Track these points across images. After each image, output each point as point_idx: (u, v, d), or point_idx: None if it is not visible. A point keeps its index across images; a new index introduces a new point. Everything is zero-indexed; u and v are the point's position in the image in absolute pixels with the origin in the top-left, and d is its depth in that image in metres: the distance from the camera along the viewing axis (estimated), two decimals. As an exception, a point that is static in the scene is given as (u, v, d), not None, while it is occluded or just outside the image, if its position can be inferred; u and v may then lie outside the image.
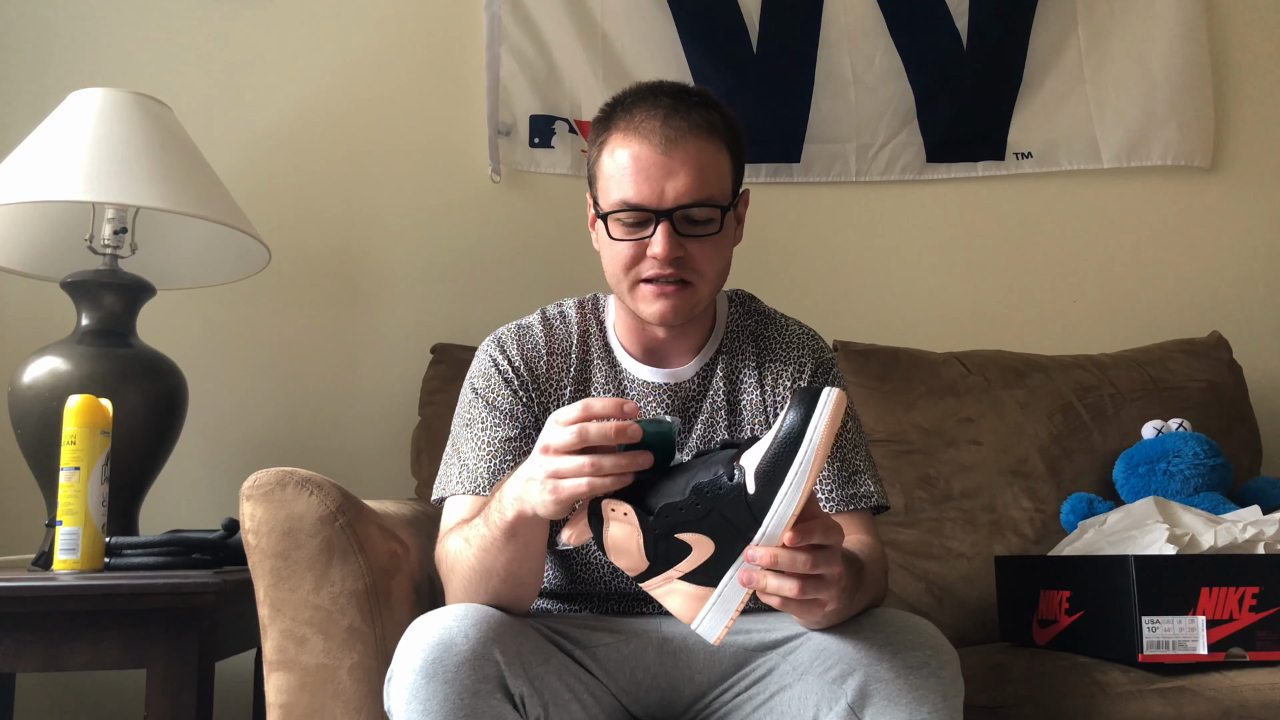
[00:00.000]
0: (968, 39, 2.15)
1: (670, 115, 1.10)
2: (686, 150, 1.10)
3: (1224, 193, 2.20)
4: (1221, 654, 1.22)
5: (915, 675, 0.94)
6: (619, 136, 1.12)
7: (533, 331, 1.22)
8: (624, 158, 1.11)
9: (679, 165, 1.09)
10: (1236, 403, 1.91)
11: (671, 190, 1.09)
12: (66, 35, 1.97)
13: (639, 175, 1.10)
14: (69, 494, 1.28)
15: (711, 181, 1.11)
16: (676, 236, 1.10)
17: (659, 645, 1.10)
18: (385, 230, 2.02)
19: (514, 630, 0.97)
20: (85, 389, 1.41)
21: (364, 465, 1.90)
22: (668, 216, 1.10)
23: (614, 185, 1.12)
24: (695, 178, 1.10)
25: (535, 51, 2.07)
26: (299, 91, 2.02)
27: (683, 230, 1.11)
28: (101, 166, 1.48)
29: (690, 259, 1.12)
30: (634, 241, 1.12)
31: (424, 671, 0.90)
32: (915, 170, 2.16)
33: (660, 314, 1.13)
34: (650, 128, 1.10)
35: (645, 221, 1.11)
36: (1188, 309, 2.14)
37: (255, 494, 1.08)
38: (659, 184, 1.09)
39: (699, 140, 1.11)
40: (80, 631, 1.20)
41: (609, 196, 1.13)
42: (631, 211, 1.11)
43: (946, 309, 2.14)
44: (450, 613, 0.96)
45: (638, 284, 1.13)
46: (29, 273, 1.69)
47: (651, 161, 1.09)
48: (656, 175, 1.09)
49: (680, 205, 1.09)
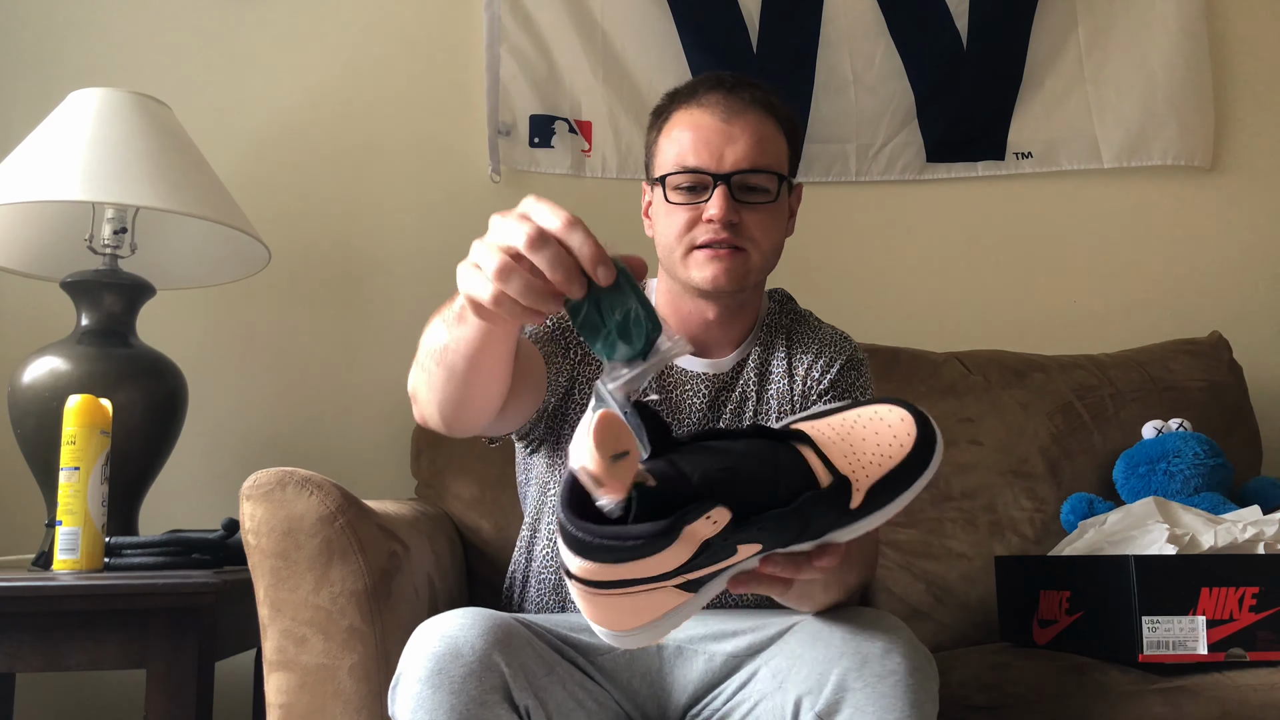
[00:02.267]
0: (968, 39, 2.15)
1: (733, 90, 1.14)
2: (747, 120, 1.13)
3: (1224, 192, 2.20)
4: (1222, 654, 1.21)
5: (884, 684, 0.92)
6: (681, 115, 1.16)
7: None
8: (686, 128, 1.14)
9: (739, 132, 1.12)
10: (1237, 403, 1.91)
11: (730, 155, 1.12)
12: (66, 35, 1.97)
13: (699, 141, 1.12)
14: (69, 494, 1.28)
15: (770, 152, 1.14)
16: (733, 201, 1.12)
17: (656, 651, 1.09)
18: (385, 230, 2.02)
19: (519, 638, 0.96)
20: (85, 389, 1.41)
21: (364, 465, 1.90)
22: (725, 180, 1.11)
23: (673, 153, 1.14)
24: (754, 146, 1.12)
25: (535, 51, 2.07)
26: (299, 91, 2.02)
27: (739, 197, 1.12)
28: (101, 166, 1.48)
29: (745, 226, 1.13)
30: (690, 206, 1.13)
31: (430, 681, 0.89)
32: (915, 170, 2.16)
33: (714, 277, 1.13)
34: (712, 100, 1.14)
35: (702, 186, 1.13)
36: (1188, 309, 2.14)
37: (255, 494, 1.08)
38: (718, 149, 1.12)
39: (759, 114, 1.14)
40: (80, 631, 1.20)
41: (666, 165, 1.15)
42: (689, 174, 1.13)
43: (947, 309, 2.14)
44: (455, 619, 0.94)
45: (691, 250, 1.14)
46: (29, 273, 1.69)
47: (712, 129, 1.12)
48: (716, 141, 1.12)
49: (739, 170, 1.12)
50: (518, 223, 0.70)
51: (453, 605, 1.37)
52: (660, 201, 1.16)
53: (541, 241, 0.68)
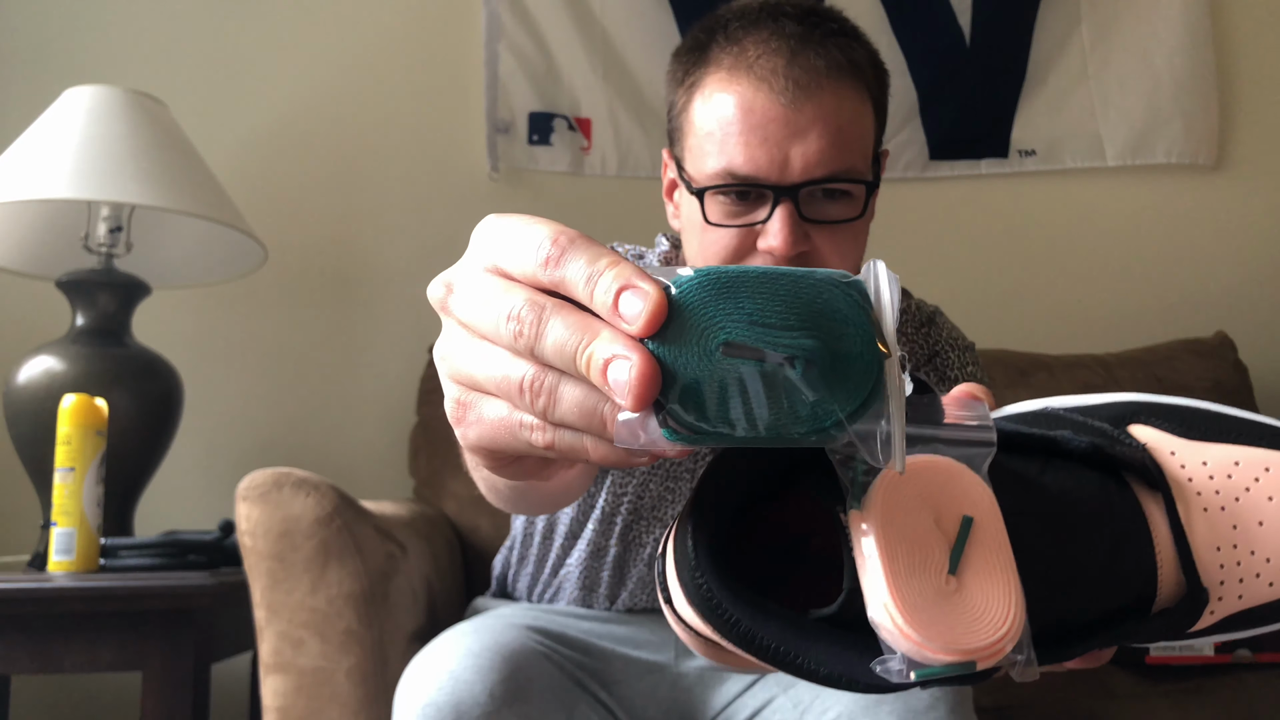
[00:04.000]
0: (971, 36, 2.14)
1: (799, 50, 0.81)
2: (822, 102, 0.80)
3: (1229, 191, 2.19)
4: (1228, 656, 1.20)
5: (921, 718, 0.82)
6: (722, 76, 0.82)
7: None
8: (729, 107, 0.81)
9: (811, 121, 0.80)
10: (1242, 403, 1.90)
11: (800, 158, 0.80)
12: (61, 32, 1.96)
13: (753, 135, 0.80)
14: (64, 495, 1.27)
15: (854, 147, 0.82)
16: (801, 224, 0.82)
17: (673, 681, 1.03)
18: (383, 228, 2.01)
19: (537, 680, 0.85)
20: (80, 389, 1.40)
21: (361, 466, 1.89)
22: (792, 195, 0.81)
23: (714, 147, 0.82)
24: (832, 141, 0.81)
25: (534, 48, 2.06)
26: (296, 89, 2.01)
27: (808, 214, 0.82)
28: (96, 164, 1.47)
29: (816, 255, 0.83)
30: (740, 229, 0.83)
31: None
32: (918, 168, 2.15)
33: None
34: (770, 67, 0.80)
35: (758, 200, 0.83)
36: (1193, 308, 2.13)
37: (251, 495, 1.07)
38: (782, 148, 0.80)
39: (838, 87, 0.81)
40: (75, 633, 1.19)
41: (704, 164, 0.83)
42: (740, 186, 0.82)
43: (950, 307, 2.11)
44: (459, 652, 0.84)
45: None
46: (23, 271, 1.68)
47: (772, 116, 0.80)
48: (779, 136, 0.80)
49: (810, 180, 0.81)
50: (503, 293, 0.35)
51: (451, 607, 1.36)
52: (695, 216, 0.85)
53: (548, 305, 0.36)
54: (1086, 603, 0.36)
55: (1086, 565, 0.36)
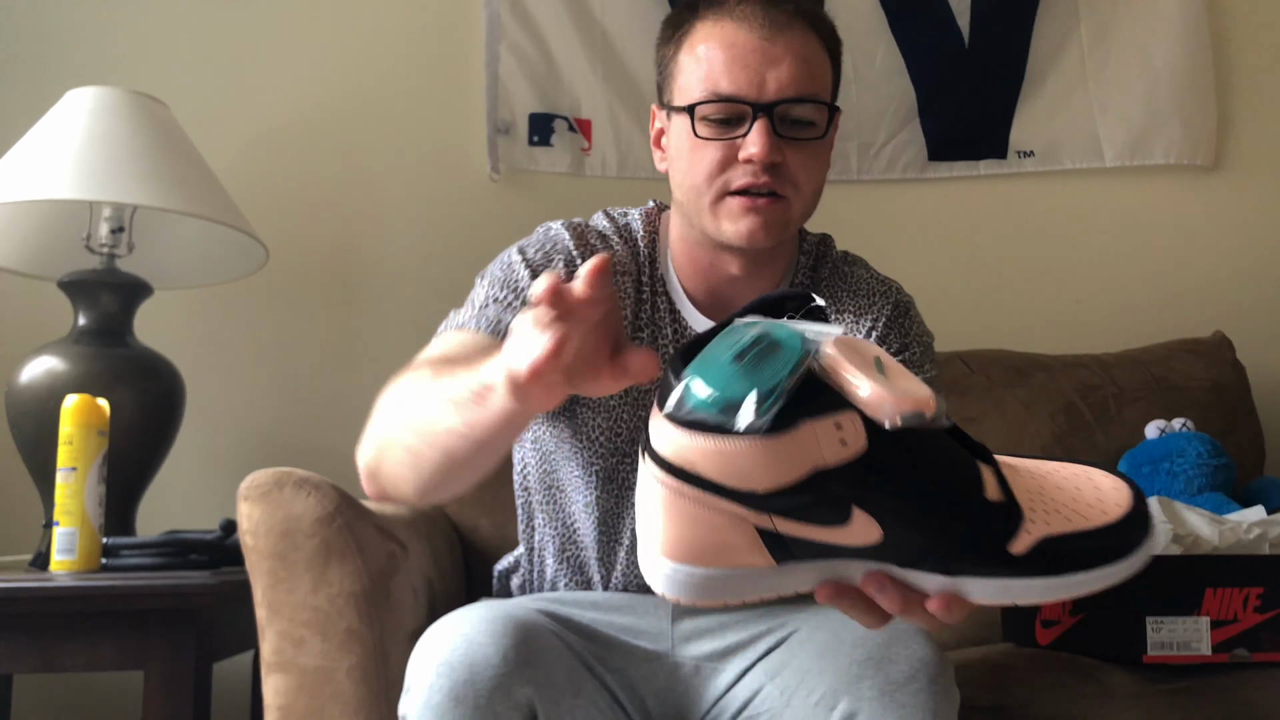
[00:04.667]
0: (969, 37, 2.14)
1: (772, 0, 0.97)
2: (792, 37, 0.97)
3: (1227, 191, 2.20)
4: (1226, 655, 1.21)
5: (902, 692, 0.88)
6: (708, 26, 0.98)
7: (611, 243, 1.07)
8: (715, 44, 0.97)
9: (783, 52, 0.96)
10: (1240, 402, 1.90)
11: (774, 80, 0.95)
12: (63, 33, 1.96)
13: (736, 62, 0.95)
14: (66, 494, 1.28)
15: (817, 76, 0.98)
16: (775, 137, 0.96)
17: (669, 671, 1.05)
18: (383, 229, 2.01)
19: (548, 653, 0.89)
20: (82, 389, 1.40)
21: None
22: (768, 111, 0.95)
23: (702, 75, 0.97)
24: (801, 69, 0.96)
25: (534, 49, 2.06)
26: (297, 90, 2.02)
27: (782, 131, 0.97)
28: (98, 165, 1.47)
29: (788, 168, 0.97)
30: (724, 142, 0.97)
31: (452, 693, 0.82)
32: (917, 169, 2.15)
33: (750, 232, 0.98)
34: (749, 10, 0.97)
35: (739, 118, 0.96)
36: (1191, 308, 2.13)
37: (253, 494, 1.08)
38: (759, 72, 0.95)
39: (804, 29, 0.98)
40: (77, 632, 1.20)
41: (694, 91, 0.97)
42: (725, 104, 0.96)
43: (948, 308, 2.13)
44: (474, 619, 0.87)
45: (723, 197, 0.98)
46: (26, 272, 1.68)
47: (751, 47, 0.96)
48: (756, 62, 0.95)
49: (784, 99, 0.96)
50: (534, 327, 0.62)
51: (452, 606, 1.36)
52: (684, 134, 0.98)
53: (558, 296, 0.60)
54: (930, 469, 0.59)
55: (931, 454, 0.59)
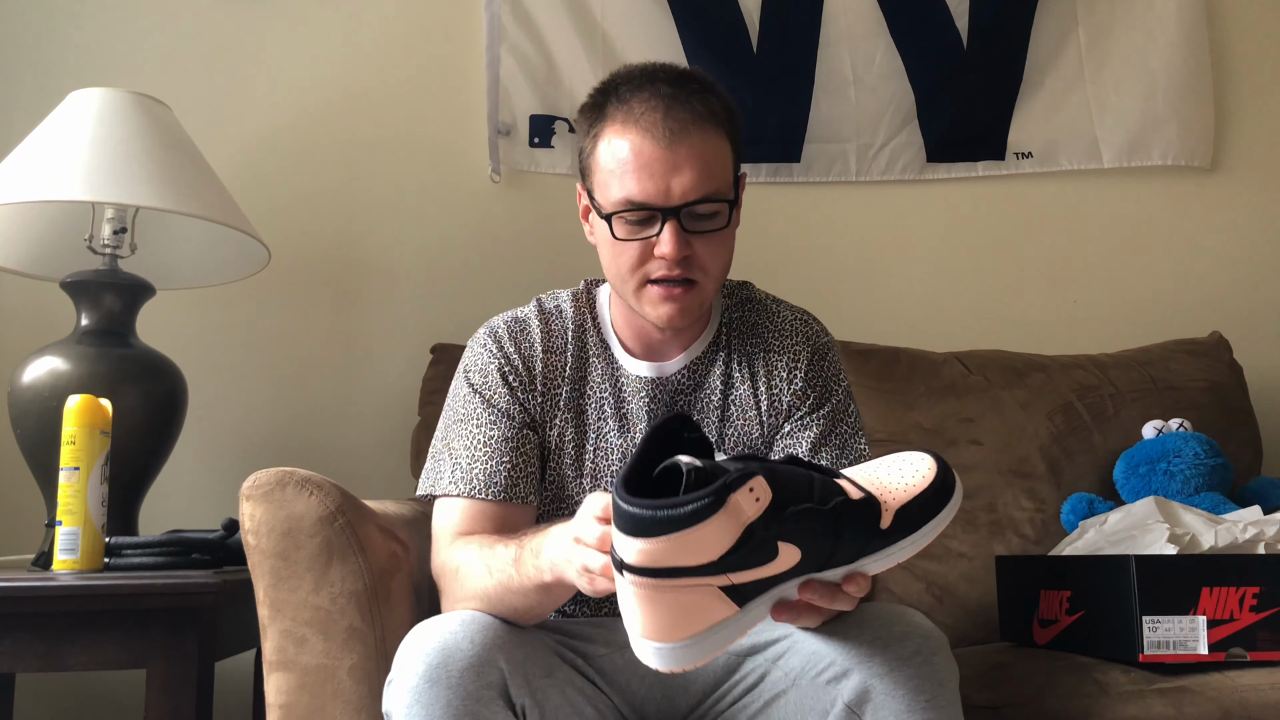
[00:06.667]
0: (968, 39, 2.15)
1: (671, 106, 1.06)
2: (690, 143, 1.05)
3: (1224, 192, 2.20)
4: (1222, 654, 1.21)
5: (909, 666, 0.94)
6: (616, 127, 1.08)
7: (529, 327, 1.20)
8: (624, 151, 1.06)
9: (684, 160, 1.05)
10: (1237, 403, 1.91)
11: (678, 187, 1.05)
12: (66, 35, 1.97)
13: (642, 171, 1.05)
14: (68, 494, 1.28)
15: (717, 174, 1.07)
16: (684, 235, 1.07)
17: None
18: (385, 230, 2.02)
19: (518, 640, 0.97)
20: (85, 389, 1.41)
21: (364, 465, 1.90)
22: (674, 215, 1.06)
23: (615, 181, 1.07)
24: (701, 172, 1.05)
25: (535, 51, 2.07)
26: (299, 91, 2.02)
27: (689, 227, 1.07)
28: (101, 166, 1.47)
29: (696, 257, 1.08)
30: (639, 241, 1.08)
31: (427, 676, 0.89)
32: (915, 170, 2.16)
33: (669, 317, 1.10)
34: (651, 120, 1.05)
35: (650, 220, 1.07)
36: (1188, 309, 2.14)
37: (255, 494, 1.08)
38: (664, 180, 1.05)
39: (702, 131, 1.06)
40: (80, 632, 1.20)
41: (609, 193, 1.08)
42: (637, 210, 1.06)
43: (947, 309, 2.14)
44: (454, 619, 0.95)
45: (645, 285, 1.10)
46: (29, 273, 1.69)
47: (655, 156, 1.05)
48: (661, 171, 1.05)
49: (687, 202, 1.06)
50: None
51: (453, 605, 1.37)
52: (606, 233, 1.10)
53: None
54: (810, 492, 0.79)
55: (803, 480, 0.79)
